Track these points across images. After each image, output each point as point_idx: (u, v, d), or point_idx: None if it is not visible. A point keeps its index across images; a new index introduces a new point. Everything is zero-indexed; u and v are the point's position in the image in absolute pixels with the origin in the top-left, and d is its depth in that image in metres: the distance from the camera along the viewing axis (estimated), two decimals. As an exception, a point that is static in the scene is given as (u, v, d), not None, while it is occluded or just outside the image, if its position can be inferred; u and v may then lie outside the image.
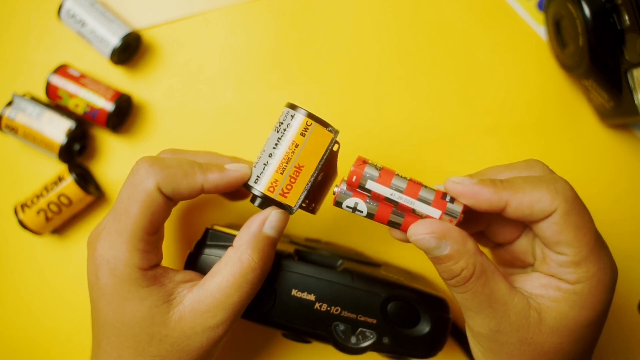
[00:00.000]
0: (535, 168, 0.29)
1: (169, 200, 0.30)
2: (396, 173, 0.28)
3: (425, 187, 0.28)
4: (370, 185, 0.28)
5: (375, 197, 0.28)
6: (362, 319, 0.31)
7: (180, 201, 0.32)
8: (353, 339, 0.31)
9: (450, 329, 0.33)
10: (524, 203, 0.26)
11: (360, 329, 0.31)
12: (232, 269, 0.29)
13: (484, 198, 0.26)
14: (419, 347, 0.31)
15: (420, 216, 0.27)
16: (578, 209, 0.26)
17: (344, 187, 0.29)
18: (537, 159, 0.30)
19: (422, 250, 0.27)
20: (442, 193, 0.28)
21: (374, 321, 0.31)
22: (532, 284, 0.27)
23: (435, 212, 0.27)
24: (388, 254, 0.45)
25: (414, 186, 0.28)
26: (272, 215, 0.30)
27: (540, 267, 0.28)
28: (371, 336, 0.31)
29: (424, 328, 0.31)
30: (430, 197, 0.27)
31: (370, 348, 0.31)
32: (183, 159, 0.31)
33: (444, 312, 0.32)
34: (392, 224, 0.28)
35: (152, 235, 0.30)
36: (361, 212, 0.28)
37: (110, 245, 0.29)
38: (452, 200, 0.27)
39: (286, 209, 0.30)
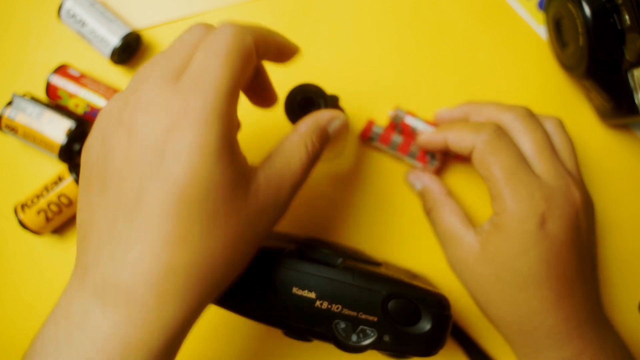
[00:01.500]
0: (513, 110, 0.35)
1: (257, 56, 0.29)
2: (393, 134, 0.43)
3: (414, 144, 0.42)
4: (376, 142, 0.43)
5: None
6: (363, 316, 0.31)
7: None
8: (354, 337, 0.31)
9: (451, 327, 0.33)
10: (455, 141, 0.34)
11: (361, 327, 0.31)
12: (300, 153, 0.30)
13: (434, 141, 0.37)
14: (419, 345, 0.31)
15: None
16: (495, 148, 0.32)
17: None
18: (527, 107, 0.36)
19: (411, 189, 0.41)
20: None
21: (375, 319, 0.31)
22: (488, 222, 0.33)
23: (418, 163, 0.42)
24: (388, 254, 0.45)
25: (407, 143, 0.42)
26: (340, 118, 0.33)
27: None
28: (372, 334, 0.31)
29: (425, 326, 0.31)
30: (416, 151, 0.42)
31: (371, 346, 0.31)
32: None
33: (444, 309, 0.32)
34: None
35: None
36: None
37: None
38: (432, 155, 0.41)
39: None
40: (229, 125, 0.25)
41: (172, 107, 0.24)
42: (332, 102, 0.40)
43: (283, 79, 0.47)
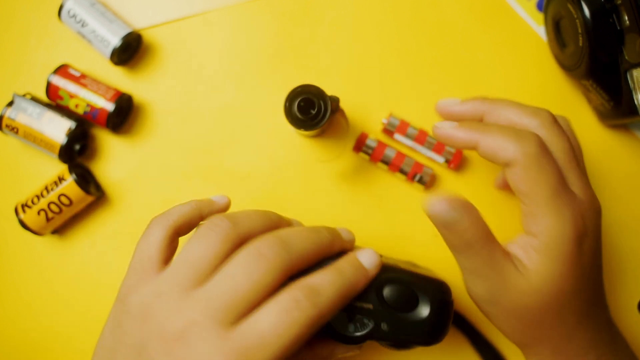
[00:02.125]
0: (538, 116, 0.31)
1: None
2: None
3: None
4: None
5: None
6: (358, 305, 0.30)
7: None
8: (351, 328, 0.30)
9: (452, 312, 0.32)
10: (490, 147, 0.30)
11: (357, 316, 0.30)
12: None
13: (458, 140, 0.31)
14: (419, 333, 0.30)
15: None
16: (539, 164, 0.29)
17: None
18: (549, 110, 0.32)
19: (435, 221, 0.30)
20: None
21: (370, 306, 0.30)
22: (515, 247, 0.30)
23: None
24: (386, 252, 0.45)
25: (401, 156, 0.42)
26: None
27: (521, 219, 0.31)
28: (369, 323, 0.30)
29: (423, 311, 0.30)
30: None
31: (369, 336, 0.30)
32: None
33: (444, 295, 0.31)
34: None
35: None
36: None
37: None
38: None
39: None
40: None
41: None
42: (332, 103, 0.40)
43: (283, 79, 0.47)
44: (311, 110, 0.39)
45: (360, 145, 0.44)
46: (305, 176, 0.46)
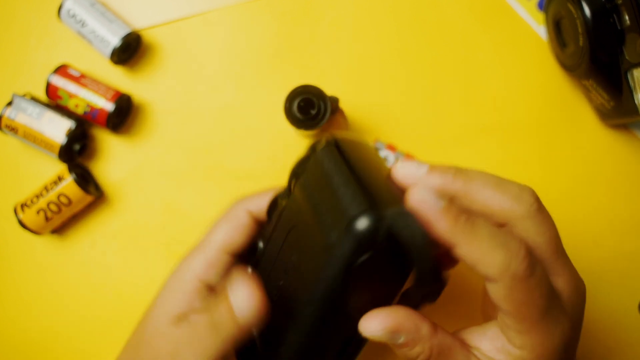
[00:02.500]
0: (523, 202, 0.26)
1: (255, 221, 0.32)
2: None
3: None
4: None
5: None
6: None
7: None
8: None
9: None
10: (471, 256, 0.24)
11: None
12: None
13: (438, 229, 0.24)
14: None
15: None
16: (526, 288, 0.25)
17: None
18: (533, 190, 0.27)
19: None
20: None
21: None
22: (488, 345, 0.27)
23: None
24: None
25: None
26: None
27: (498, 317, 0.27)
28: None
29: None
30: None
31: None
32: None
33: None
34: None
35: (228, 254, 0.32)
36: None
37: (188, 257, 0.32)
38: None
39: None
40: None
41: None
42: (332, 103, 0.40)
43: (283, 79, 0.47)
44: (311, 110, 0.39)
45: None
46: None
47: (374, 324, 0.25)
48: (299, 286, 0.26)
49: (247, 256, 0.32)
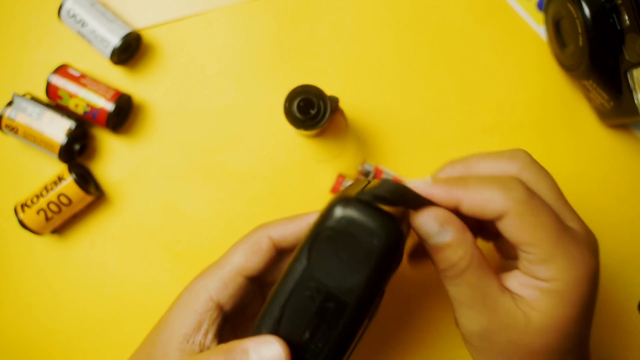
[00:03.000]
0: (517, 158, 0.29)
1: (275, 247, 0.32)
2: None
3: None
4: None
5: None
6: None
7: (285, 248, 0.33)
8: None
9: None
10: (476, 202, 0.27)
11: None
12: None
13: (437, 197, 0.28)
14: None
15: None
16: (533, 208, 0.27)
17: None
18: (525, 150, 0.30)
19: (422, 237, 0.27)
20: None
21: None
22: (513, 283, 0.28)
23: None
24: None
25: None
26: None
27: (519, 264, 0.28)
28: None
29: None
30: None
31: None
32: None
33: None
34: None
35: (244, 277, 0.31)
36: None
37: (203, 275, 0.32)
38: None
39: None
40: None
41: None
42: (332, 103, 0.40)
43: (283, 79, 0.47)
44: (311, 110, 0.39)
45: (337, 187, 0.44)
46: (305, 176, 0.46)
47: (428, 216, 0.27)
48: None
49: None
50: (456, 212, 0.28)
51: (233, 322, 0.32)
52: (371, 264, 0.25)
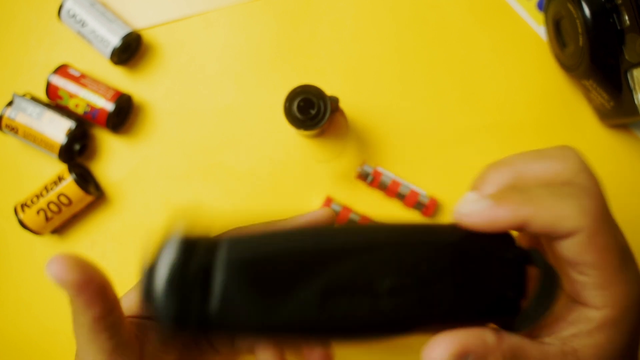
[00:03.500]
0: (568, 160, 0.25)
1: None
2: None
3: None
4: None
5: None
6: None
7: None
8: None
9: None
10: (547, 221, 0.23)
11: None
12: None
13: (502, 221, 0.23)
14: None
15: None
16: (606, 228, 0.24)
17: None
18: (573, 148, 0.26)
19: None
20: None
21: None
22: (563, 324, 0.24)
23: None
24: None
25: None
26: None
27: (565, 285, 0.25)
28: None
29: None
30: None
31: None
32: None
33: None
34: None
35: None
36: None
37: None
38: None
39: None
40: None
41: None
42: (332, 103, 0.40)
43: (283, 79, 0.47)
44: (311, 110, 0.39)
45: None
46: (305, 176, 0.46)
47: (439, 351, 0.23)
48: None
49: None
50: (518, 230, 0.24)
51: None
52: None
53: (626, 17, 0.37)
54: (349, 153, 0.46)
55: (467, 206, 0.23)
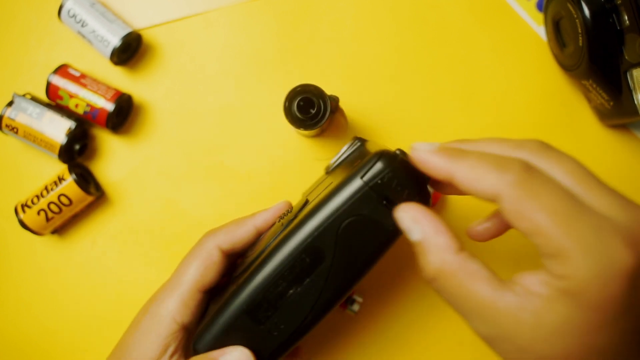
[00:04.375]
0: (526, 144, 0.26)
1: (226, 256, 0.34)
2: None
3: None
4: None
5: None
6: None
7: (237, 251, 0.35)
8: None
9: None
10: (468, 179, 0.24)
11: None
12: None
13: (432, 166, 0.26)
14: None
15: None
16: (533, 190, 0.23)
17: None
18: (541, 140, 0.27)
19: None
20: None
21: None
22: (531, 279, 0.23)
23: None
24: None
25: None
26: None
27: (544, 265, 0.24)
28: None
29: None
30: None
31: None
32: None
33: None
34: None
35: (201, 292, 0.33)
36: None
37: (161, 296, 0.33)
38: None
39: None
40: None
41: None
42: (332, 102, 0.40)
43: (283, 79, 0.47)
44: (310, 109, 0.39)
45: None
46: (305, 176, 0.46)
47: (403, 210, 0.26)
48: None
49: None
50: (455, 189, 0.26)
51: (192, 332, 0.33)
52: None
53: (626, 17, 0.37)
54: (349, 153, 0.46)
55: (420, 144, 0.27)
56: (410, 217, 0.26)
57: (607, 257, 0.21)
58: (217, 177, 0.46)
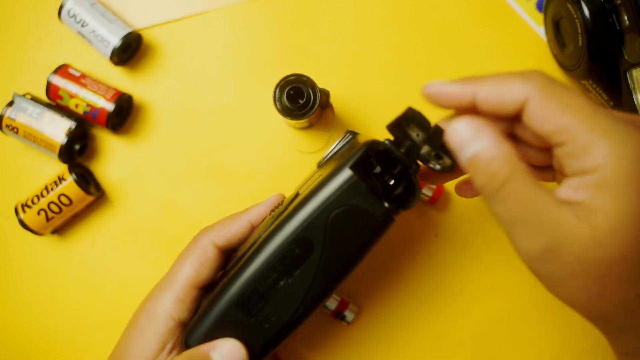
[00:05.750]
0: (529, 76, 0.25)
1: (221, 252, 0.34)
2: None
3: None
4: None
5: None
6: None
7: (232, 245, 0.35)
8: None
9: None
10: (493, 94, 0.25)
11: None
12: None
13: (450, 93, 0.26)
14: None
15: None
16: (558, 91, 0.23)
17: None
18: (541, 71, 0.27)
19: (456, 149, 0.25)
20: None
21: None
22: (565, 191, 0.23)
23: None
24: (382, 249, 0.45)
25: None
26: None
27: (565, 168, 0.24)
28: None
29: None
30: None
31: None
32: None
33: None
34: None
35: (197, 288, 0.33)
36: None
37: (157, 294, 0.33)
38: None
39: None
40: None
41: None
42: (322, 96, 0.40)
43: (279, 76, 0.47)
44: (300, 99, 0.39)
45: None
46: (304, 175, 0.46)
47: (461, 122, 0.25)
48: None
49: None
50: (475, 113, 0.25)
51: None
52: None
53: (626, 17, 0.37)
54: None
55: (431, 82, 0.27)
56: (474, 127, 0.24)
57: (633, 141, 0.22)
58: (217, 177, 0.46)
